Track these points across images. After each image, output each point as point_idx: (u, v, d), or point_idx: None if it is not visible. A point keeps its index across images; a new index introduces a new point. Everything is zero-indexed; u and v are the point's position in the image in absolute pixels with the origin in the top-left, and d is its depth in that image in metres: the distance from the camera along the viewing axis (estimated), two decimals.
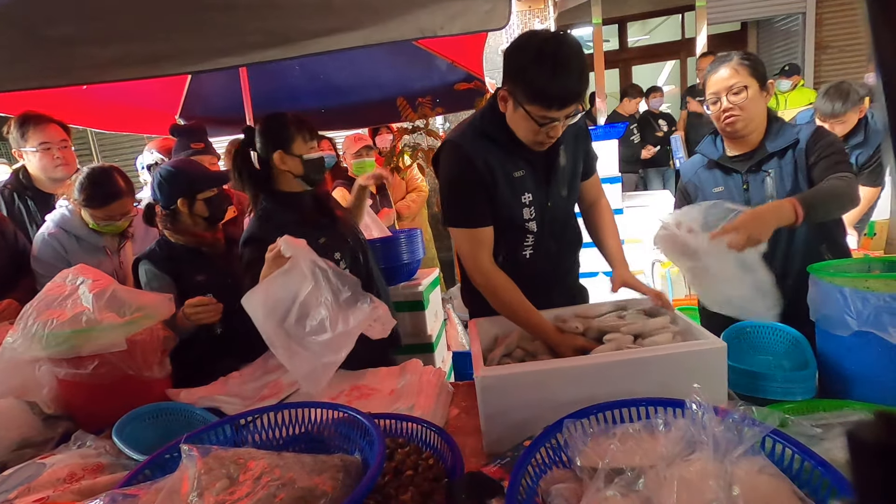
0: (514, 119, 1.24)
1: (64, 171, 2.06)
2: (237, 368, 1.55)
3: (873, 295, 0.97)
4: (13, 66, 1.66)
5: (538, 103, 1.14)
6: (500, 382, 1.01)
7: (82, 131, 6.34)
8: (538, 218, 1.37)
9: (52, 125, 2.04)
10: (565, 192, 1.39)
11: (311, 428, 0.97)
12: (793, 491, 0.65)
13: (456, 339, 3.06)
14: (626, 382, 0.96)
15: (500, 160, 1.29)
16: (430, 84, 3.42)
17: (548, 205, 1.37)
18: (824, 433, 0.84)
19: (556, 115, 1.15)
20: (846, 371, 1.06)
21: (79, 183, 1.75)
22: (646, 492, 0.66)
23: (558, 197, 1.38)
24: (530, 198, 1.34)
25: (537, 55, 1.11)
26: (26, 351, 1.24)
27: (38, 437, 1.25)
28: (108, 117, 3.19)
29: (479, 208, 1.31)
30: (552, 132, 1.20)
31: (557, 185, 1.37)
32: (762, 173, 1.52)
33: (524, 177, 1.32)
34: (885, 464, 0.28)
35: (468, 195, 1.31)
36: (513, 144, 1.28)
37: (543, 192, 1.35)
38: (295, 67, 3.23)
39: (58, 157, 2.03)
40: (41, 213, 2.02)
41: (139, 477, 0.84)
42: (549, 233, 1.40)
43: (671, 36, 7.36)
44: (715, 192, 1.59)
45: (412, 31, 1.78)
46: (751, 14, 6.23)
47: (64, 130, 2.07)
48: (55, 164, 2.03)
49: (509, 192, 1.31)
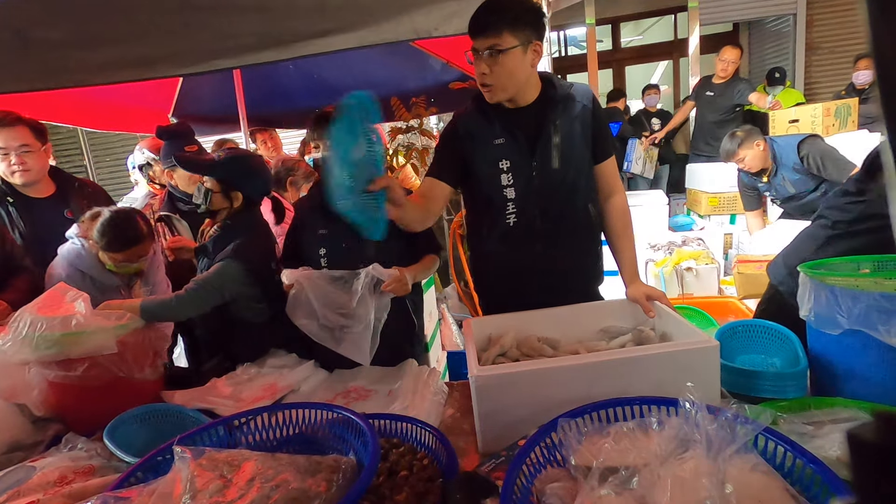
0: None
1: (23, 177, 1.90)
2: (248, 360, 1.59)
3: (863, 294, 0.97)
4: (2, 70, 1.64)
5: (469, 33, 1.32)
6: (495, 382, 1.01)
7: (73, 130, 6.28)
8: (519, 186, 1.41)
9: (16, 128, 1.88)
10: (557, 164, 1.41)
11: (305, 429, 0.97)
12: (785, 488, 0.65)
13: (450, 338, 3.07)
14: (621, 381, 0.96)
15: (483, 128, 1.43)
16: (424, 84, 3.42)
17: (532, 174, 1.40)
18: (815, 431, 0.85)
19: (476, 45, 1.30)
20: (837, 369, 1.07)
21: (100, 226, 1.68)
22: (640, 490, 0.67)
23: (548, 169, 1.40)
24: (508, 164, 1.41)
25: None
26: (16, 354, 1.23)
27: (28, 439, 1.23)
28: (99, 116, 3.16)
29: (445, 166, 1.48)
30: (478, 67, 1.32)
31: (547, 156, 1.40)
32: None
33: (504, 144, 1.41)
34: (884, 464, 0.29)
35: (442, 152, 1.51)
36: (500, 115, 1.41)
37: (527, 161, 1.40)
38: (289, 67, 3.22)
39: (14, 163, 1.88)
40: (23, 218, 1.93)
41: (131, 479, 0.84)
42: (534, 203, 1.42)
43: (664, 36, 7.40)
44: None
45: (407, 32, 1.78)
46: (742, 15, 6.27)
47: (33, 133, 1.91)
48: (12, 170, 1.89)
49: (486, 156, 1.43)
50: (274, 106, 3.68)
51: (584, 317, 1.39)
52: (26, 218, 1.94)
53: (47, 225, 1.98)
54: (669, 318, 1.24)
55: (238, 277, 1.57)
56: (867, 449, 0.29)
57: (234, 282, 1.57)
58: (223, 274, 1.56)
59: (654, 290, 1.34)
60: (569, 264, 1.48)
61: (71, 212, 2.03)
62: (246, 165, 1.68)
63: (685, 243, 3.34)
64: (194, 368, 1.86)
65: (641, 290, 1.35)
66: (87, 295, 1.38)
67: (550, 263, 1.45)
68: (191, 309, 1.54)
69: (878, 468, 0.29)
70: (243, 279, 1.57)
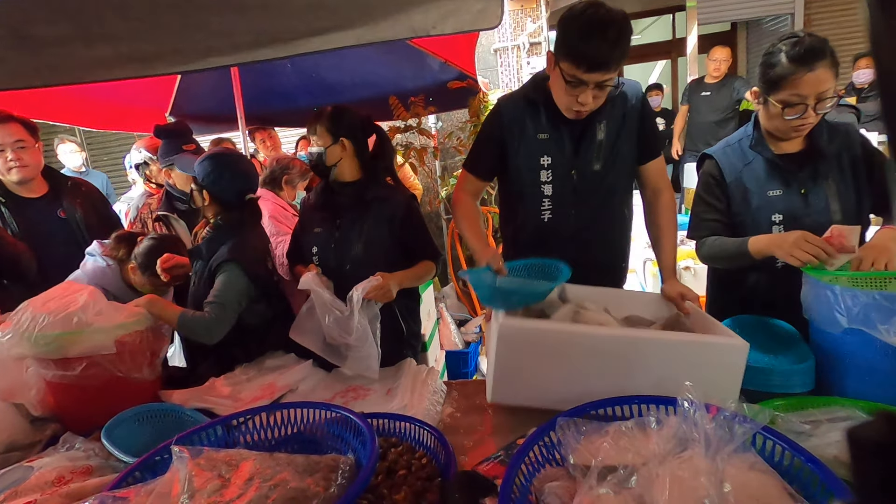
0: (553, 80, 1.33)
1: (20, 173, 1.89)
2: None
3: (863, 293, 0.98)
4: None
5: (569, 60, 1.23)
6: (520, 335, 0.99)
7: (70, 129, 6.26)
8: (557, 183, 1.41)
9: (10, 124, 1.88)
10: (598, 166, 1.40)
11: (303, 428, 0.96)
12: (783, 487, 0.65)
13: (449, 338, 3.07)
14: (642, 362, 0.95)
15: (530, 120, 1.41)
16: (422, 83, 3.41)
17: (571, 173, 1.40)
18: (813, 429, 0.86)
19: (583, 77, 1.22)
20: (838, 367, 1.08)
21: (148, 251, 1.68)
22: (638, 489, 0.67)
23: (588, 169, 1.40)
24: (549, 161, 1.40)
25: (580, 14, 1.21)
26: (13, 348, 1.22)
27: (26, 439, 1.23)
28: (96, 115, 3.14)
29: (484, 160, 1.49)
30: (582, 97, 1.26)
31: (589, 157, 1.39)
32: (821, 180, 1.35)
33: (548, 140, 1.40)
34: (885, 463, 0.29)
35: (481, 145, 1.50)
36: (548, 110, 1.38)
37: (568, 160, 1.40)
38: (286, 66, 3.21)
39: (11, 158, 1.87)
40: (16, 219, 1.91)
41: (129, 479, 0.84)
42: (570, 202, 1.42)
43: (662, 36, 7.41)
44: (770, 196, 1.39)
45: (405, 31, 1.77)
46: (740, 15, 6.28)
47: (26, 129, 1.91)
48: (8, 166, 1.88)
49: (528, 150, 1.41)
50: (272, 104, 3.66)
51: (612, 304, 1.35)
52: (19, 218, 1.92)
53: (40, 225, 1.97)
54: (701, 318, 1.24)
55: (241, 283, 1.56)
56: (868, 448, 0.29)
57: (242, 288, 1.56)
58: (231, 284, 1.54)
59: (690, 291, 1.32)
60: (598, 260, 1.49)
61: (64, 211, 2.01)
62: (214, 166, 1.63)
63: (683, 242, 3.35)
64: (192, 368, 1.86)
65: (677, 288, 1.33)
66: (98, 290, 1.38)
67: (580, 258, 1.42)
68: (222, 330, 1.52)
69: (879, 468, 0.29)
70: (245, 283, 1.57)
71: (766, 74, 1.30)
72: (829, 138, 1.36)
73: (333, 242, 1.60)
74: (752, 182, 1.40)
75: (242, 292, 1.56)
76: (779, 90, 1.27)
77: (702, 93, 4.69)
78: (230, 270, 1.55)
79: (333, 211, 1.62)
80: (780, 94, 1.27)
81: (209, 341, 1.51)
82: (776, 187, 1.38)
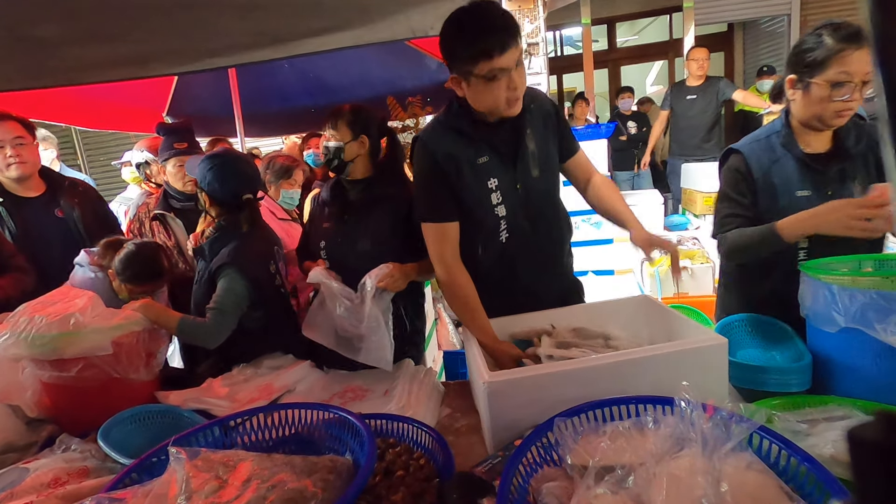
0: (475, 94, 1.26)
1: (20, 169, 1.90)
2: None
3: (860, 292, 0.98)
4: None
5: (482, 59, 1.18)
6: (507, 388, 0.99)
7: (66, 129, 6.25)
8: (507, 202, 1.38)
9: (7, 122, 1.89)
10: (536, 172, 1.39)
11: (301, 429, 0.96)
12: (779, 486, 0.65)
13: (447, 338, 3.07)
14: (631, 381, 0.96)
15: (464, 149, 1.34)
16: (420, 83, 3.42)
17: (516, 187, 1.38)
18: (810, 429, 0.86)
19: (503, 64, 1.18)
20: (835, 366, 1.08)
21: (125, 259, 1.67)
22: (635, 489, 0.67)
23: (528, 178, 1.39)
24: (496, 182, 1.36)
25: (457, 24, 1.21)
26: (9, 350, 1.21)
27: (22, 441, 1.22)
28: (93, 115, 3.15)
29: (444, 203, 1.35)
30: (512, 84, 1.22)
31: (526, 167, 1.38)
32: (848, 181, 1.33)
33: (489, 163, 1.35)
34: (885, 464, 0.28)
35: (432, 189, 1.36)
36: (476, 133, 1.33)
37: (511, 175, 1.37)
38: (284, 66, 3.21)
39: (10, 155, 1.88)
40: (13, 218, 1.91)
41: (126, 480, 0.83)
42: (522, 216, 1.41)
43: (659, 36, 7.43)
44: (799, 197, 1.35)
45: (403, 31, 1.78)
46: (737, 15, 6.31)
47: (23, 127, 1.93)
48: (7, 162, 1.89)
49: (474, 178, 1.35)
50: (269, 105, 3.66)
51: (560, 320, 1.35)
52: (16, 217, 1.92)
53: (38, 224, 1.97)
54: (674, 317, 1.24)
55: (241, 288, 1.56)
56: (868, 448, 0.29)
57: (241, 293, 1.56)
58: (231, 289, 1.54)
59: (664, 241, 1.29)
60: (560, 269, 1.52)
61: (61, 211, 2.01)
62: (211, 167, 1.63)
63: (680, 243, 3.36)
64: (190, 369, 1.85)
65: (644, 234, 1.30)
66: (95, 294, 1.38)
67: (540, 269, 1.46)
68: (222, 335, 1.52)
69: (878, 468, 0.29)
70: (244, 288, 1.56)
71: (806, 59, 1.26)
72: (857, 139, 1.34)
73: (341, 237, 1.61)
74: (780, 180, 1.36)
75: (242, 297, 1.56)
76: (825, 69, 1.23)
77: (686, 96, 4.69)
78: (229, 275, 1.55)
79: (342, 206, 1.64)
80: (828, 74, 1.23)
81: (210, 346, 1.51)
82: (805, 188, 1.34)
